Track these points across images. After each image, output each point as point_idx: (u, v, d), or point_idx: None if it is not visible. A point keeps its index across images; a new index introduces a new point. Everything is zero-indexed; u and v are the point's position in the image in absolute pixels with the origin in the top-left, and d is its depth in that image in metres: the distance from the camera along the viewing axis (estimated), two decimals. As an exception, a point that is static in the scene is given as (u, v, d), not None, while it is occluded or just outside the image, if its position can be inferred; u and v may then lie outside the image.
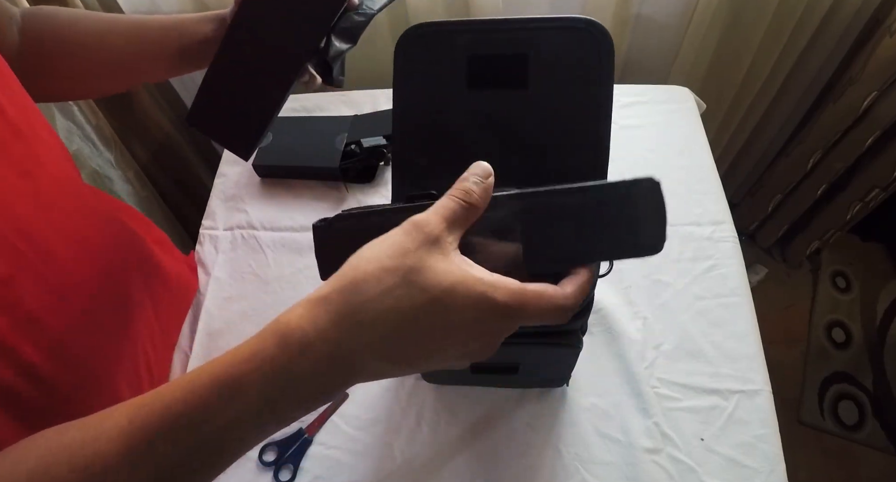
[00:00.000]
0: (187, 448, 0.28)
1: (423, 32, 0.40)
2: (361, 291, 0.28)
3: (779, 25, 1.02)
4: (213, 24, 0.53)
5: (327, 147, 0.84)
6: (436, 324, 0.28)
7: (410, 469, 0.61)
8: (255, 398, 0.28)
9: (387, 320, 0.27)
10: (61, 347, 0.47)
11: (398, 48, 0.40)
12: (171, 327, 0.71)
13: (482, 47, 0.39)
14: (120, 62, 0.56)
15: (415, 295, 0.28)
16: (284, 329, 0.28)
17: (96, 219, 0.54)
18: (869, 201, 1.21)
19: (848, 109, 1.08)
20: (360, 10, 0.49)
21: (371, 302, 0.27)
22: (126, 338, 0.58)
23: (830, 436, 1.30)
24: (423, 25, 0.40)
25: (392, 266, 0.28)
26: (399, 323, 0.28)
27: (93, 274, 0.52)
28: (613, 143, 0.40)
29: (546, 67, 0.38)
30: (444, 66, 0.39)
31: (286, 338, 0.28)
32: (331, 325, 0.28)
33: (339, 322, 0.28)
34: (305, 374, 0.28)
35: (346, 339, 0.28)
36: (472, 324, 0.28)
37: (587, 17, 0.37)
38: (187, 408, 0.28)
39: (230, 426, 0.28)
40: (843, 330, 1.44)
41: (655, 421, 0.61)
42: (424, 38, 0.40)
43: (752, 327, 0.67)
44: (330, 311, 0.28)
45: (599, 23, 0.37)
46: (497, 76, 0.39)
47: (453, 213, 0.30)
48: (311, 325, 0.28)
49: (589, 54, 0.37)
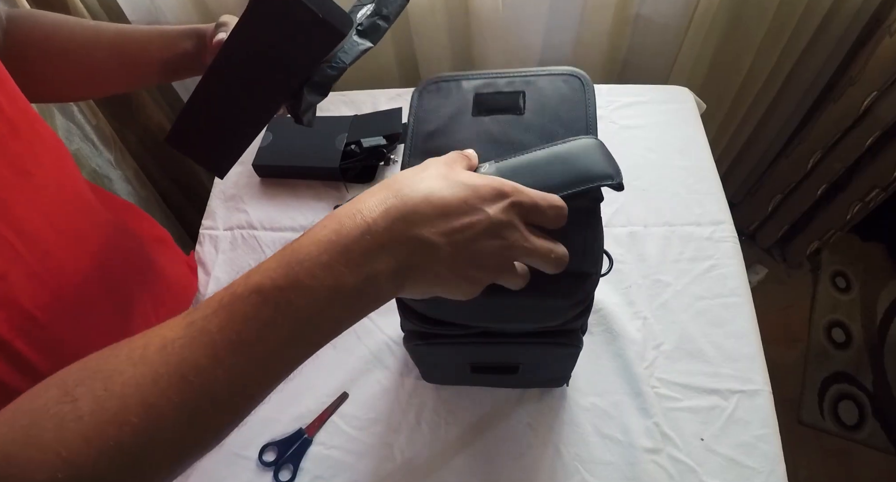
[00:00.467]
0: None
1: (437, 81, 0.49)
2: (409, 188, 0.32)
3: (779, 26, 1.02)
4: (192, 40, 0.55)
5: (327, 147, 0.84)
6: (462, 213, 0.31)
7: (410, 469, 0.61)
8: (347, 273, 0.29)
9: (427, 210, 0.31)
10: (59, 345, 0.47)
11: (414, 93, 0.48)
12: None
13: (486, 88, 0.47)
14: (100, 71, 0.57)
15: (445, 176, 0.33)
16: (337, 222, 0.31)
17: (95, 218, 0.54)
18: (869, 201, 1.21)
19: (848, 109, 1.08)
20: (333, 63, 0.51)
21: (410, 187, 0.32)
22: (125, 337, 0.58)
23: (830, 436, 1.30)
24: (438, 77, 0.49)
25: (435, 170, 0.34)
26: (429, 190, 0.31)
27: (90, 273, 0.52)
28: (613, 143, 0.43)
29: (539, 99, 0.45)
30: (452, 102, 0.47)
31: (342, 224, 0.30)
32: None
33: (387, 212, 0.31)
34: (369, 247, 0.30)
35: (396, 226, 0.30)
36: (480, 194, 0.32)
37: (572, 68, 0.47)
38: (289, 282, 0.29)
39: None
40: (843, 330, 1.44)
41: (655, 421, 0.61)
42: (438, 85, 0.48)
43: (751, 327, 0.67)
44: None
45: (583, 72, 0.47)
46: (498, 106, 0.46)
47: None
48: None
49: (576, 90, 0.46)
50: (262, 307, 0.28)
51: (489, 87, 0.47)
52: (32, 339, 0.45)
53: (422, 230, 0.30)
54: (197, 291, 0.76)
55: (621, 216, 0.76)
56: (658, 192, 0.78)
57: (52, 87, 0.57)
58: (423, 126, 0.46)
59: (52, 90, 0.58)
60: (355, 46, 0.51)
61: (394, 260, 0.30)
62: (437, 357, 0.55)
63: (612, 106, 0.88)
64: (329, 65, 0.50)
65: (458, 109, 0.46)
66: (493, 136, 0.44)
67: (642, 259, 0.73)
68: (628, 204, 0.77)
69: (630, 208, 0.77)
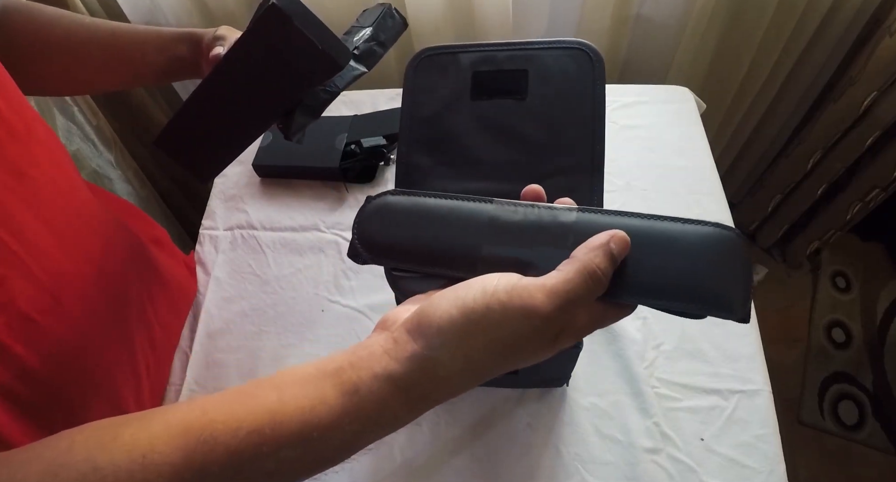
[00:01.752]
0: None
1: (432, 54, 0.43)
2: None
3: (779, 25, 1.02)
4: (187, 44, 0.55)
5: (327, 147, 0.84)
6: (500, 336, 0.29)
7: (410, 469, 0.61)
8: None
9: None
10: (58, 348, 0.47)
11: (409, 69, 0.43)
12: (171, 328, 0.70)
13: (485, 65, 0.42)
14: (93, 69, 0.57)
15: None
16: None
17: (93, 219, 0.54)
18: (869, 201, 1.21)
19: (848, 109, 1.08)
20: (328, 87, 0.51)
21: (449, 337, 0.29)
22: (124, 339, 0.58)
23: (830, 436, 1.30)
24: (431, 49, 0.43)
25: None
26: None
27: (89, 275, 0.51)
28: (613, 143, 0.42)
29: (544, 80, 0.41)
30: (450, 81, 0.42)
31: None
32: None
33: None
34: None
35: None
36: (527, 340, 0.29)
37: (580, 40, 0.42)
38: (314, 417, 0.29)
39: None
40: (843, 330, 1.44)
41: (655, 421, 0.61)
42: (432, 59, 0.43)
43: (752, 327, 0.67)
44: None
45: (591, 43, 0.42)
46: (499, 88, 0.42)
47: (572, 292, 0.29)
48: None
49: (583, 68, 0.41)
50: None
51: (489, 64, 0.42)
52: (31, 343, 0.44)
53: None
54: (197, 292, 0.76)
55: (621, 216, 0.76)
56: (658, 192, 0.78)
57: (42, 81, 0.57)
58: (419, 110, 0.43)
59: (42, 84, 0.58)
60: (350, 71, 0.51)
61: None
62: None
63: (611, 106, 0.88)
64: (323, 89, 0.51)
65: (456, 91, 0.42)
66: (494, 125, 0.41)
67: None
68: (628, 204, 0.77)
69: (630, 208, 0.77)
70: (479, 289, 0.29)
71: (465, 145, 0.42)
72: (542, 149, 0.41)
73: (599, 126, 0.41)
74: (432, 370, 0.29)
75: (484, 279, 0.30)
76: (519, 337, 0.29)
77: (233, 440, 0.28)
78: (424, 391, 0.29)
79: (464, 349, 0.29)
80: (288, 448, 0.28)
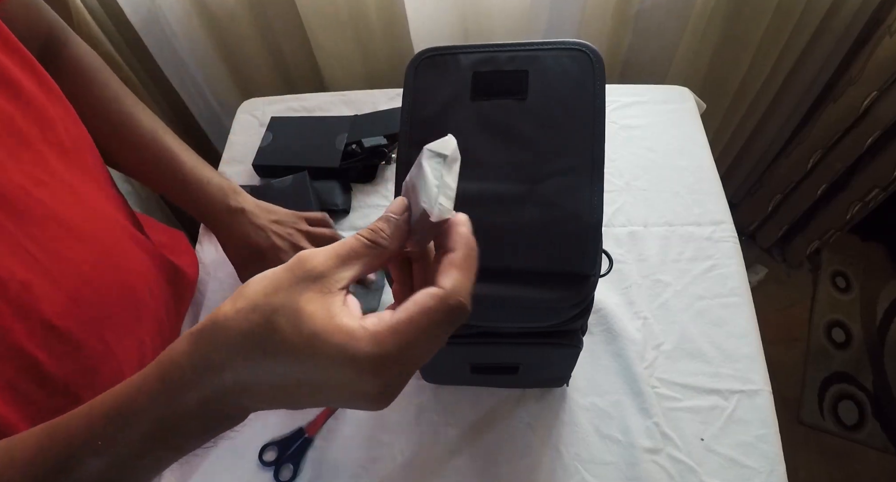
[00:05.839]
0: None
1: (432, 54, 0.44)
2: (224, 329, 0.26)
3: (779, 25, 1.02)
4: (225, 210, 0.67)
5: (327, 147, 0.84)
6: (300, 380, 0.25)
7: (410, 469, 0.61)
8: (147, 427, 0.28)
9: (244, 368, 0.26)
10: (76, 353, 0.47)
11: (409, 69, 0.44)
12: (178, 328, 0.71)
13: (486, 65, 0.42)
14: (127, 166, 0.63)
15: (275, 340, 0.25)
16: (167, 365, 0.27)
17: (110, 220, 0.55)
18: (869, 201, 1.21)
19: (848, 109, 1.08)
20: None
21: (229, 345, 0.26)
22: (135, 340, 0.58)
23: (830, 436, 1.31)
24: (432, 49, 0.44)
25: (262, 303, 0.26)
26: (255, 370, 0.26)
27: (107, 277, 0.52)
28: (613, 143, 0.42)
29: (545, 81, 0.41)
30: (450, 82, 0.43)
31: (168, 374, 0.27)
32: (199, 363, 0.26)
33: (201, 363, 0.26)
34: (186, 411, 0.27)
35: (208, 380, 0.26)
36: (340, 385, 0.25)
37: (581, 41, 0.42)
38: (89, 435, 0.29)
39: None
40: (843, 330, 1.44)
41: (655, 421, 0.61)
42: (433, 60, 0.44)
43: (751, 327, 0.67)
44: (198, 350, 0.27)
45: (591, 44, 0.42)
46: (499, 89, 0.42)
47: (351, 251, 0.27)
48: (188, 361, 0.27)
49: (583, 69, 0.42)
50: None
51: (489, 65, 0.42)
52: (52, 349, 0.44)
53: (255, 404, 0.28)
54: (196, 291, 0.76)
55: (621, 216, 0.77)
56: (658, 192, 0.78)
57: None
58: (419, 110, 0.43)
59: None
60: None
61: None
62: (436, 357, 0.55)
63: (611, 106, 0.88)
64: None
65: (456, 91, 0.42)
66: (494, 125, 0.41)
67: (642, 259, 0.73)
68: (628, 204, 0.77)
69: (630, 208, 0.77)
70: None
71: (466, 146, 0.42)
72: (542, 149, 0.41)
73: (599, 126, 0.41)
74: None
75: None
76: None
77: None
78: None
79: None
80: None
